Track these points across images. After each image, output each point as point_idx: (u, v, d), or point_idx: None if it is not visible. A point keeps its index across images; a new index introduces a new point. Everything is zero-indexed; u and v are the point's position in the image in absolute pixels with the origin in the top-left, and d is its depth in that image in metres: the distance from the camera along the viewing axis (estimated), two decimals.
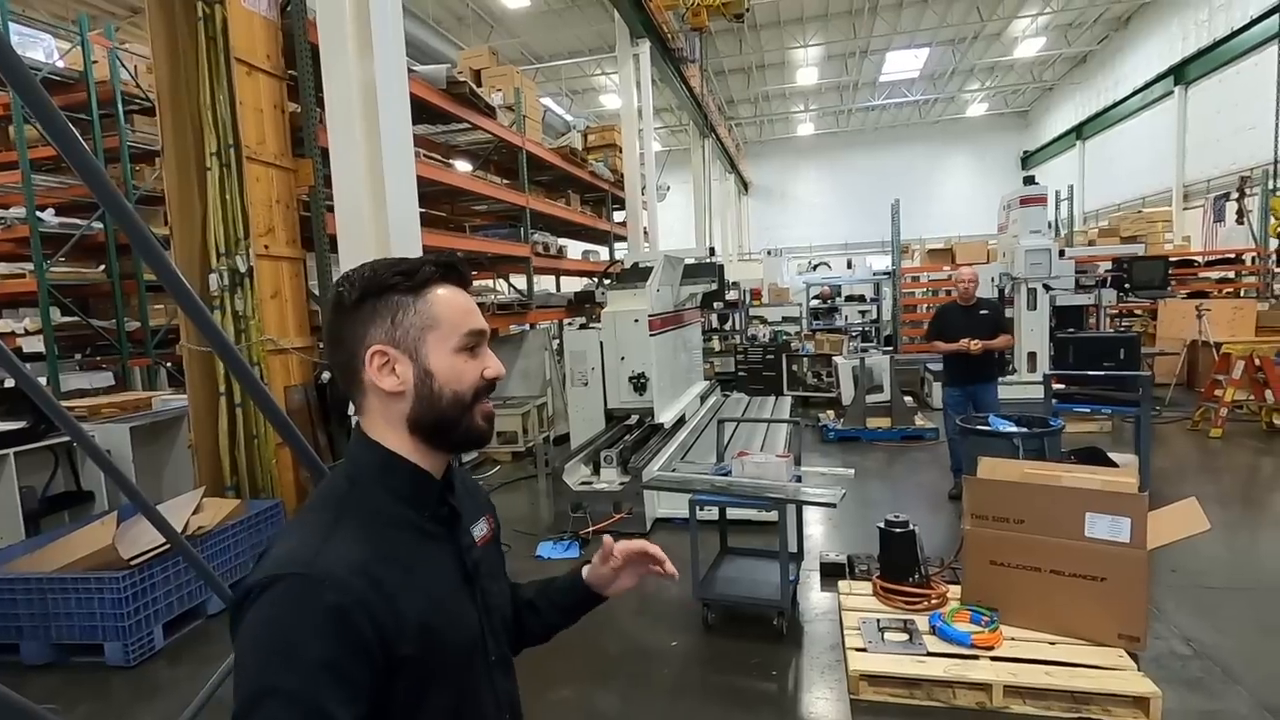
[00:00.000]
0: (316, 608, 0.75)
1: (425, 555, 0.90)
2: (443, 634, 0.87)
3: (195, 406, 4.59)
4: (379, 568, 0.82)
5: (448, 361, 0.90)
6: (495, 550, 1.08)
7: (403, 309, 0.89)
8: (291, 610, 0.76)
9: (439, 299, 0.91)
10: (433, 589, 0.88)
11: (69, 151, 1.20)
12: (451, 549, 0.95)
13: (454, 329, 0.91)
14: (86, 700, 3.19)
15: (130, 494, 2.22)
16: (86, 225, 6.35)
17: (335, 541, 0.82)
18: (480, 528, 1.04)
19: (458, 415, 0.91)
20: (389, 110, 4.15)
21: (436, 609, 0.87)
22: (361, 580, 0.79)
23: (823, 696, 2.98)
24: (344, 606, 0.76)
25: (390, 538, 0.87)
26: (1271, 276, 10.20)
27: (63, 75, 6.41)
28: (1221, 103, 14.87)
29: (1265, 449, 6.50)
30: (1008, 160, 27.40)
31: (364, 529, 0.86)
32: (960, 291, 5.48)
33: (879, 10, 17.99)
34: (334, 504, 0.89)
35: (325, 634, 0.75)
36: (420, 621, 0.83)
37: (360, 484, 0.90)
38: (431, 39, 8.91)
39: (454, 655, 0.89)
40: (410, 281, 0.90)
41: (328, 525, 0.85)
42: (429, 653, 0.84)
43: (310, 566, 0.78)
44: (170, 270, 1.43)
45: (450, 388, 0.90)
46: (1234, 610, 3.52)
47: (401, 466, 0.91)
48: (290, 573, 0.78)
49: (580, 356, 6.25)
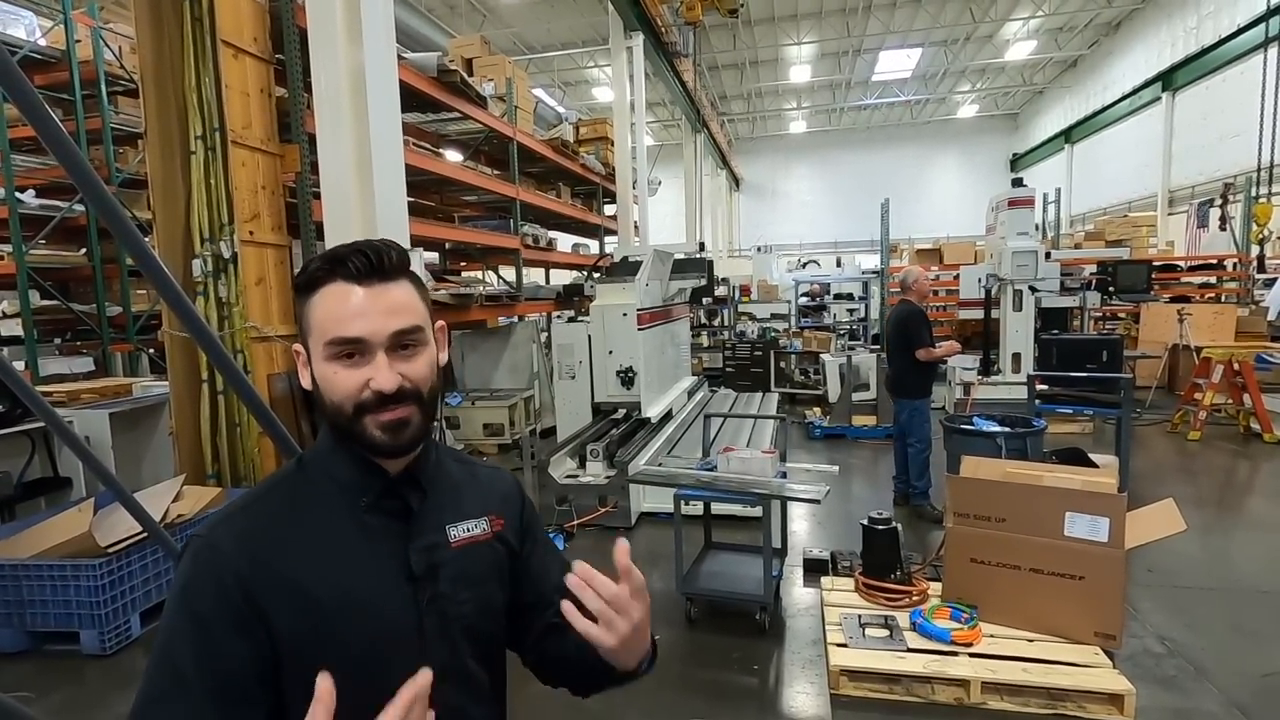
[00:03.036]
0: (200, 569, 0.83)
1: (352, 545, 0.88)
2: (332, 620, 0.84)
3: (177, 393, 4.53)
4: (265, 548, 0.85)
5: (321, 370, 0.87)
6: (484, 554, 0.98)
7: (301, 310, 0.89)
8: (187, 567, 0.84)
9: (316, 302, 0.86)
10: (344, 579, 0.86)
11: (46, 134, 1.17)
12: (394, 544, 0.90)
13: (320, 337, 0.86)
14: (61, 688, 3.15)
15: (107, 481, 2.19)
16: (68, 207, 6.24)
17: (236, 517, 0.88)
18: (467, 527, 0.97)
19: (345, 424, 0.87)
20: (378, 97, 4.10)
21: (341, 597, 0.85)
22: (242, 558, 0.84)
23: (803, 691, 3.00)
24: (220, 573, 0.82)
25: (311, 520, 0.88)
26: (1252, 283, 10.34)
27: (44, 54, 6.30)
28: (1208, 109, 15.04)
29: (1242, 452, 6.60)
30: (997, 162, 27.61)
31: (283, 507, 0.89)
32: (925, 293, 5.43)
33: (873, 9, 18.03)
34: (272, 481, 0.94)
35: (202, 594, 0.82)
36: (311, 605, 0.84)
37: (307, 467, 0.93)
38: (423, 26, 8.80)
39: (347, 645, 0.84)
40: (303, 279, 0.88)
41: (252, 498, 0.91)
42: (311, 634, 0.83)
43: (211, 531, 0.86)
44: (147, 254, 1.41)
45: (328, 396, 0.87)
46: (1207, 610, 3.58)
47: (347, 453, 0.90)
48: (197, 535, 0.86)
49: (568, 350, 6.24)
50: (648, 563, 4.34)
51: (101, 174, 1.43)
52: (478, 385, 8.14)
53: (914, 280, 5.28)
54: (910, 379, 5.13)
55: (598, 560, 1.26)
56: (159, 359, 6.69)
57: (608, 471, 5.14)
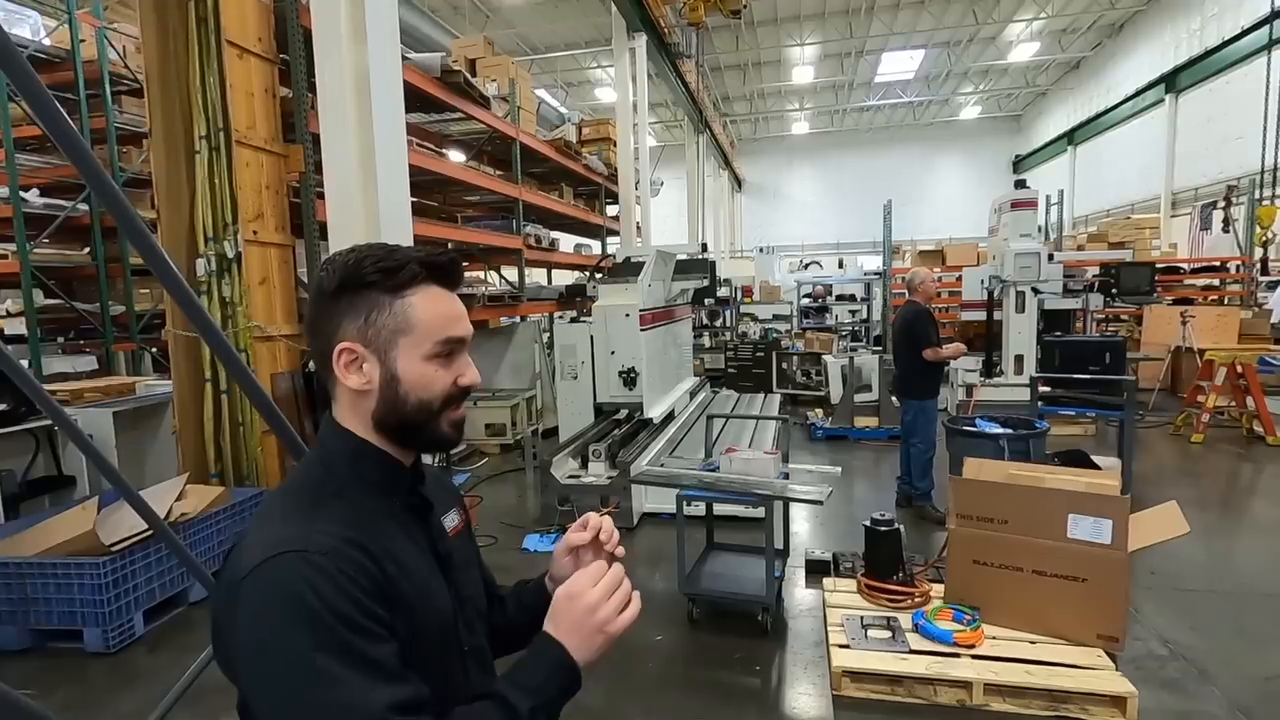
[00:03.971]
0: (332, 577, 0.75)
1: (403, 541, 0.90)
2: (423, 616, 0.86)
3: (180, 392, 4.54)
4: (367, 543, 0.83)
5: (416, 368, 0.88)
6: (468, 542, 1.08)
7: (378, 308, 0.87)
8: (308, 583, 0.74)
9: (417, 302, 0.88)
10: (410, 568, 0.88)
11: (56, 132, 1.18)
12: (424, 537, 0.95)
13: (427, 336, 0.88)
14: (64, 686, 3.16)
15: (113, 479, 2.20)
16: (71, 206, 6.26)
17: (321, 521, 0.82)
18: (451, 518, 1.04)
19: (422, 421, 0.89)
20: (382, 97, 4.11)
21: (416, 587, 0.87)
22: (358, 551, 0.80)
23: (805, 692, 3.00)
24: (349, 574, 0.77)
25: (368, 521, 0.87)
26: (1255, 285, 10.32)
27: (49, 54, 6.31)
28: (1211, 112, 15.02)
29: (1245, 455, 6.59)
30: (1000, 164, 27.58)
31: (344, 511, 0.86)
32: (931, 294, 5.44)
33: (875, 10, 18.02)
34: (310, 489, 0.88)
35: (348, 598, 0.75)
36: (405, 600, 0.84)
37: (335, 471, 0.90)
38: (427, 27, 8.82)
39: (432, 638, 0.88)
40: (391, 281, 0.87)
41: (310, 506, 0.85)
42: (412, 632, 0.84)
43: (306, 543, 0.78)
44: (157, 253, 1.41)
45: (416, 395, 0.88)
46: (1210, 613, 3.57)
47: (372, 455, 0.91)
48: (289, 550, 0.77)
49: (570, 350, 6.24)
50: (650, 563, 4.34)
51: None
52: (480, 385, 8.13)
53: (920, 281, 5.29)
54: (917, 380, 5.13)
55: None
56: (162, 358, 6.70)
57: (610, 472, 5.14)
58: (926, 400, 5.11)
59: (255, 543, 0.80)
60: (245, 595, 0.76)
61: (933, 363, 5.05)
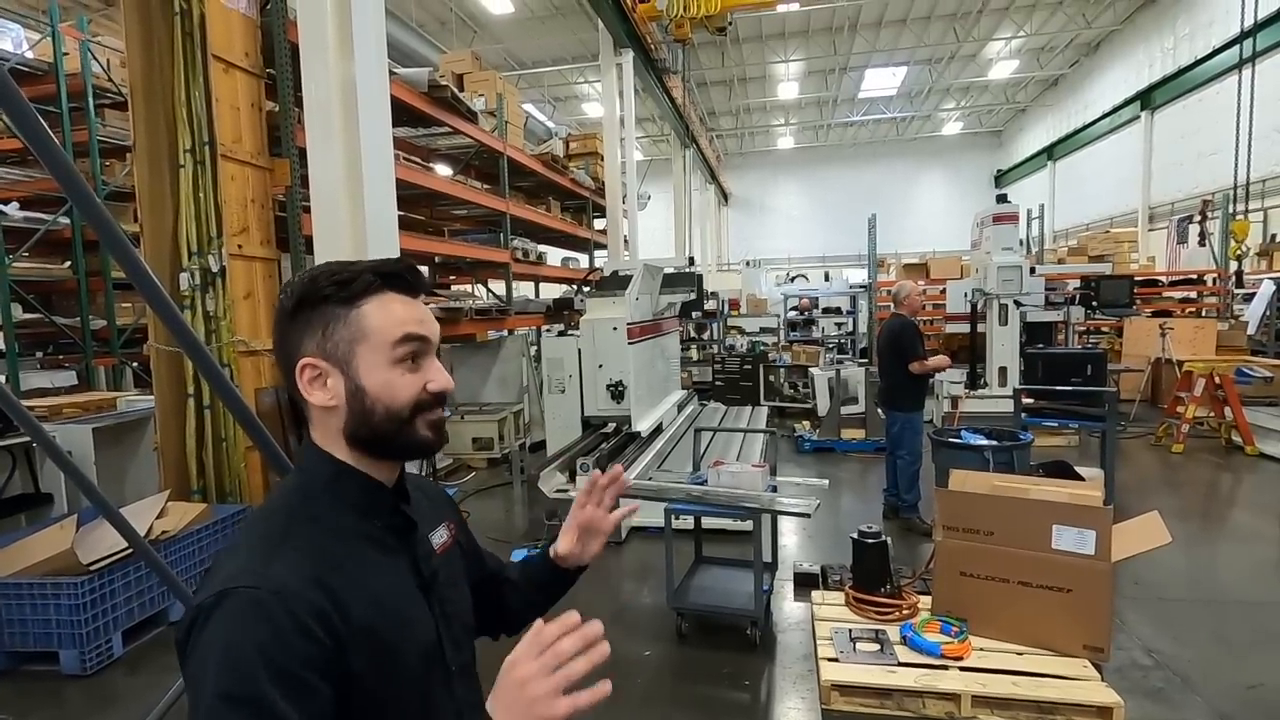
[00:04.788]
0: (272, 619, 0.73)
1: (378, 566, 0.88)
2: (397, 646, 0.84)
3: (162, 408, 4.48)
4: (331, 578, 0.80)
5: (380, 376, 0.86)
6: (457, 557, 1.06)
7: (334, 320, 0.86)
8: (246, 623, 0.73)
9: (371, 310, 0.86)
10: (385, 600, 0.85)
11: (38, 145, 1.17)
12: (406, 559, 0.93)
13: (384, 340, 0.86)
14: (39, 710, 3.09)
15: (92, 496, 2.16)
16: (52, 220, 6.19)
17: (285, 552, 0.80)
18: (440, 534, 1.02)
19: (394, 430, 0.87)
20: (369, 112, 4.12)
21: (389, 621, 0.84)
22: (315, 591, 0.77)
23: (794, 707, 2.99)
24: (298, 617, 0.74)
25: (341, 550, 0.85)
26: (1231, 297, 10.52)
27: (32, 66, 6.27)
28: (1185, 128, 15.36)
29: (1224, 465, 6.69)
30: (981, 178, 28.01)
31: (314, 540, 0.83)
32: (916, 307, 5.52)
33: (859, 28, 18.32)
34: (283, 516, 0.86)
35: (284, 645, 0.73)
36: (371, 634, 0.81)
37: (312, 495, 0.88)
38: (414, 42, 8.86)
39: (409, 668, 0.86)
40: (345, 292, 0.86)
41: (277, 536, 0.83)
42: (382, 666, 0.81)
43: (263, 580, 0.76)
44: (140, 267, 1.40)
45: (383, 403, 0.86)
46: (1193, 622, 3.61)
47: (352, 477, 0.89)
48: (242, 586, 0.75)
49: (558, 363, 6.23)
50: (638, 577, 4.32)
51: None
52: (467, 399, 8.11)
53: (906, 295, 5.34)
54: (903, 392, 5.17)
55: (589, 573, 1.28)
56: (144, 373, 6.61)
57: None
58: (913, 412, 5.14)
59: (219, 569, 0.80)
60: (195, 624, 0.75)
61: (918, 375, 5.09)
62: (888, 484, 5.36)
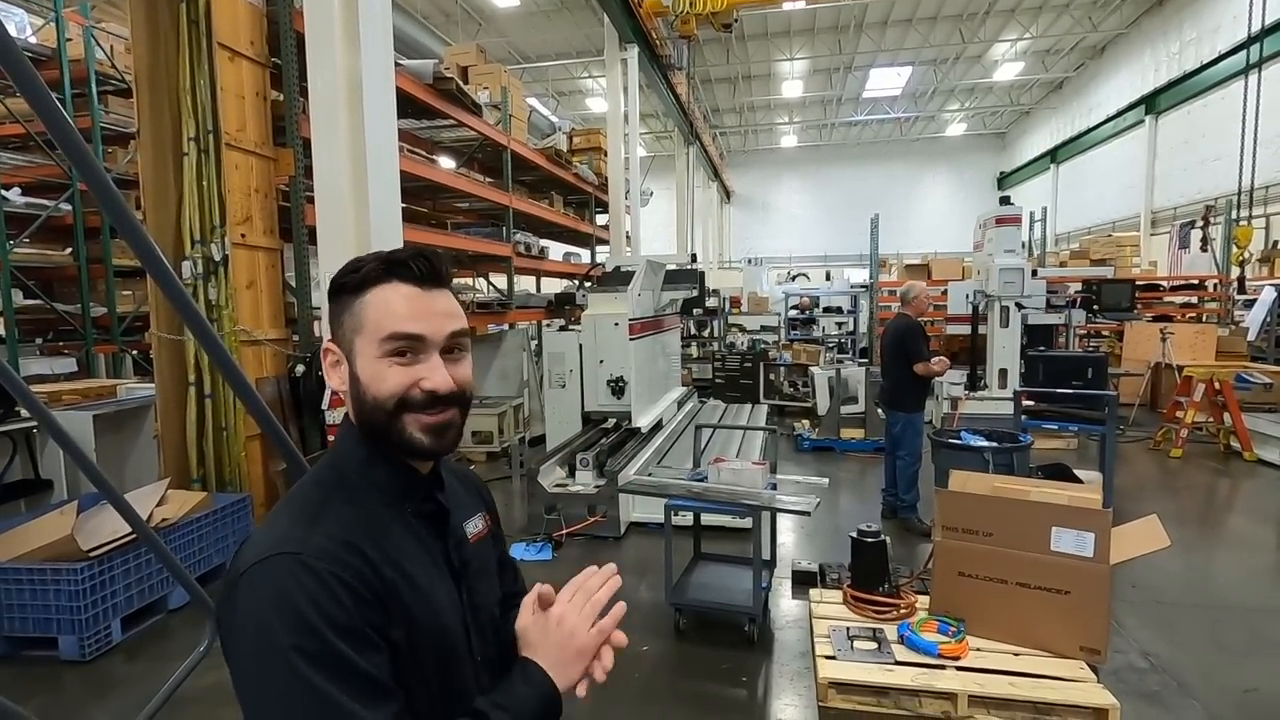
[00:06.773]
0: (324, 581, 0.75)
1: (411, 549, 0.88)
2: (425, 627, 0.85)
3: (163, 396, 4.48)
4: (371, 551, 0.81)
5: (370, 366, 0.86)
6: (490, 547, 1.06)
7: (346, 309, 0.88)
8: (293, 585, 0.74)
9: (371, 300, 0.86)
10: (418, 581, 0.86)
11: (56, 131, 1.17)
12: (438, 545, 0.93)
13: (376, 332, 0.85)
14: (38, 696, 3.09)
15: (97, 480, 2.16)
16: (54, 206, 6.18)
17: (325, 523, 0.82)
18: (475, 524, 1.02)
19: (381, 422, 0.86)
20: (374, 103, 4.11)
21: (421, 603, 0.85)
22: (356, 557, 0.79)
23: (791, 704, 3.00)
24: (343, 579, 0.76)
25: (376, 528, 0.85)
26: (1232, 303, 10.53)
27: (35, 52, 6.24)
28: (1189, 133, 15.34)
29: (1222, 470, 6.70)
30: (984, 180, 27.98)
31: (349, 517, 0.84)
32: (924, 308, 5.47)
33: (864, 28, 18.28)
34: (320, 491, 0.88)
35: (338, 603, 0.75)
36: (406, 611, 0.82)
37: (345, 473, 0.90)
38: (419, 34, 8.83)
39: (436, 651, 0.86)
40: (355, 279, 0.87)
41: (315, 507, 0.84)
42: (413, 643, 0.82)
43: (304, 545, 0.77)
44: (151, 249, 1.39)
45: (370, 393, 0.86)
46: (1190, 626, 3.62)
47: (382, 461, 0.90)
48: (284, 552, 0.77)
49: (559, 358, 6.24)
50: (637, 573, 4.33)
51: None
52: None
53: (915, 295, 5.33)
54: (906, 392, 5.17)
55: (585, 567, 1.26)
56: (144, 361, 6.61)
57: (597, 481, 5.13)
58: (914, 413, 5.15)
59: (257, 541, 0.80)
60: (239, 592, 0.76)
61: (922, 376, 5.09)
62: (886, 484, 5.36)
